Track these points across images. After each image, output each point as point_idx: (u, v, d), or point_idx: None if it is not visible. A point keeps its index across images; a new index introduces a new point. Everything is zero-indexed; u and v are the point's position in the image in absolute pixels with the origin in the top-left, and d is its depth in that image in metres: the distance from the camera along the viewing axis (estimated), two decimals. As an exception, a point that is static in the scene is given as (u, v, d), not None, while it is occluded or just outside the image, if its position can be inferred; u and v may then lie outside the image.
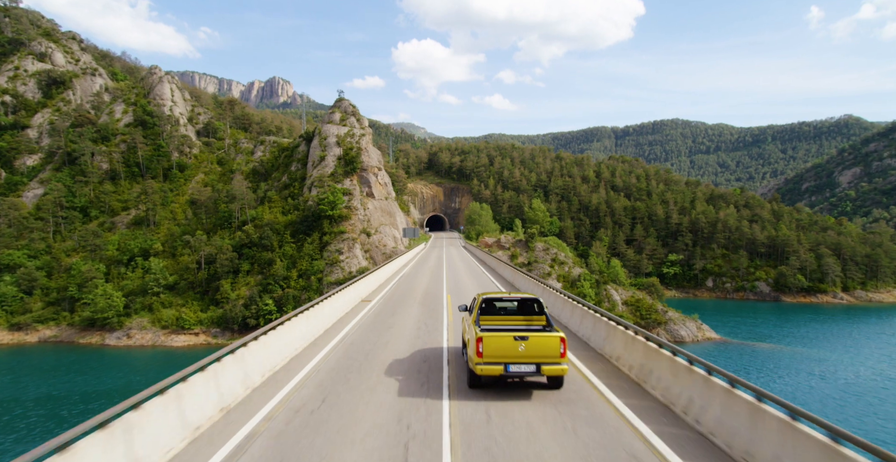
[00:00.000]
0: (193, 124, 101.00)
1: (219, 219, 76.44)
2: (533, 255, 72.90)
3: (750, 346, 58.79)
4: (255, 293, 65.31)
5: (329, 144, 78.59)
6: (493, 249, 75.35)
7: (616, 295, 66.93)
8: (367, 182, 76.94)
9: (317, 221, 71.87)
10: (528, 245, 75.52)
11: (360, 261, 68.55)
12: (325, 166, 77.15)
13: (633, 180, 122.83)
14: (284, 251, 69.63)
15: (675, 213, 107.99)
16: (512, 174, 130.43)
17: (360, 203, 74.28)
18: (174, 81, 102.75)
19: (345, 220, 71.75)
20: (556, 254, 72.78)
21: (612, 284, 68.46)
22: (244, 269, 68.58)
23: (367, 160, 77.99)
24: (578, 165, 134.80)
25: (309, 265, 67.56)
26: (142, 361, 56.33)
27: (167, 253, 73.35)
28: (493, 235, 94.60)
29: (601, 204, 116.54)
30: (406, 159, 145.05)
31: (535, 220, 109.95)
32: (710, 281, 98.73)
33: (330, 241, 69.37)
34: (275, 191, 79.59)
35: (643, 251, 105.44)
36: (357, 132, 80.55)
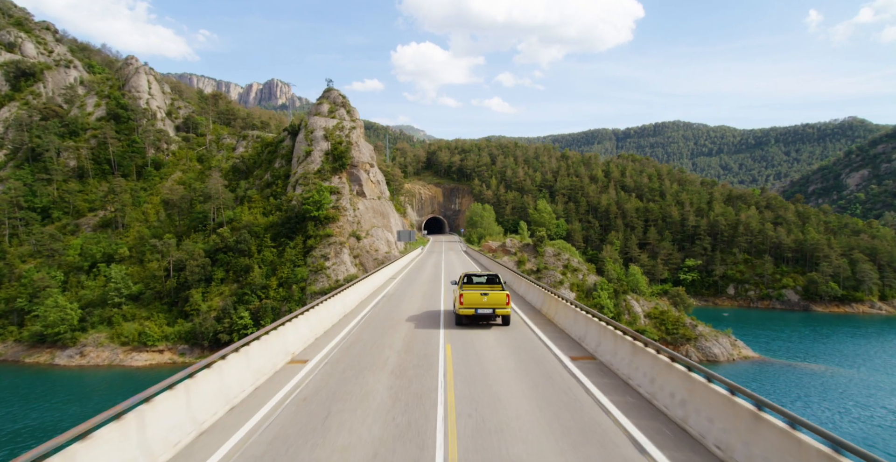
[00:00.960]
0: (172, 119, 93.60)
1: (193, 221, 68.87)
2: (542, 261, 65.36)
3: (795, 367, 51.14)
4: (229, 304, 57.69)
5: (316, 138, 71.16)
6: (498, 254, 67.82)
7: (637, 306, 59.34)
8: (357, 179, 69.47)
9: (300, 223, 64.37)
10: (536, 249, 67.97)
11: (348, 268, 61.00)
12: (311, 162, 69.69)
13: (645, 180, 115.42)
14: (263, 257, 62.05)
15: (692, 214, 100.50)
16: (515, 174, 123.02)
17: (349, 203, 66.81)
18: (152, 73, 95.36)
19: (332, 222, 64.25)
20: (569, 260, 65.23)
21: (631, 294, 60.87)
22: (218, 277, 60.97)
23: (358, 155, 70.55)
24: (585, 164, 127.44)
25: (291, 272, 59.97)
26: (93, 385, 48.62)
27: (134, 259, 65.71)
28: (497, 238, 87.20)
29: (611, 205, 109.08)
30: (403, 158, 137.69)
31: (541, 223, 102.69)
32: (732, 288, 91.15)
33: (315, 246, 61.83)
34: (256, 190, 72.09)
35: (658, 256, 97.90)
36: (347, 125, 73.15)
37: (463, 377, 9.52)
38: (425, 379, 9.41)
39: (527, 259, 66.69)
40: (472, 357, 11.06)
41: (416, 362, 10.67)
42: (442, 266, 42.47)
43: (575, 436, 6.78)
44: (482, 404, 7.99)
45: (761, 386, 44.42)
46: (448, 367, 10.13)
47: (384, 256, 63.38)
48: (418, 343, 12.77)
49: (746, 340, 59.15)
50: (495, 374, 9.68)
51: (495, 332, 13.97)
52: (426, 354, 11.39)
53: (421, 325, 15.38)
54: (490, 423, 7.21)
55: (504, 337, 13.38)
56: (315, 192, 63.66)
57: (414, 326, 15.09)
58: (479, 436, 6.79)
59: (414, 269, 39.73)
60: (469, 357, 11.05)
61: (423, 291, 25.07)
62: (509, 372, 9.90)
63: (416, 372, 9.89)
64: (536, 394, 8.54)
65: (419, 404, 8.01)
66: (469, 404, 8.00)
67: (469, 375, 9.65)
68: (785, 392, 43.51)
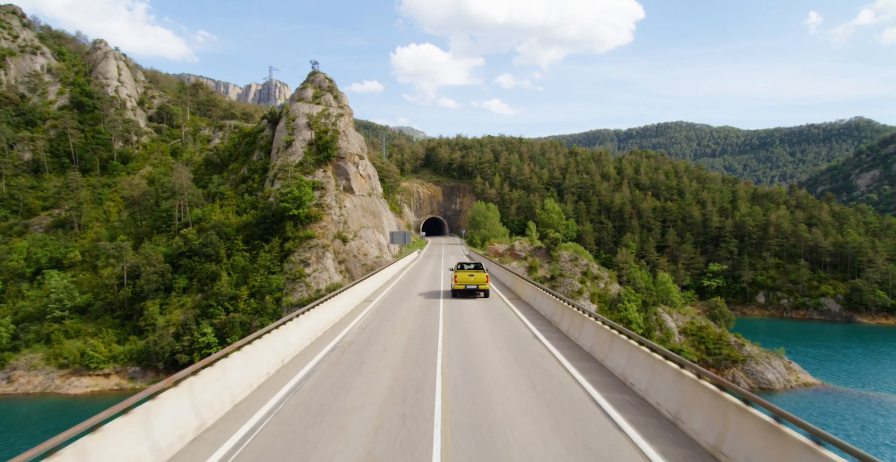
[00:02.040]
0: (145, 108, 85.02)
1: (156, 220, 60.20)
2: (557, 267, 56.68)
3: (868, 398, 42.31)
4: (191, 318, 49.00)
5: (298, 126, 62.57)
6: (506, 259, 59.19)
7: (670, 321, 50.62)
8: (344, 173, 60.84)
9: (277, 223, 55.75)
10: (549, 253, 59.30)
11: (331, 275, 52.34)
12: (291, 153, 61.11)
13: (661, 177, 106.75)
14: (234, 262, 53.37)
15: (715, 214, 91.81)
16: (521, 171, 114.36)
17: (334, 200, 58.18)
18: (124, 59, 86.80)
19: (314, 222, 55.62)
20: (588, 266, 56.54)
21: (662, 306, 52.14)
22: (179, 286, 52.25)
23: (346, 146, 61.94)
24: (596, 161, 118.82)
25: (264, 281, 51.30)
26: (14, 419, 39.86)
27: (88, 264, 57.05)
28: (503, 240, 78.60)
29: (625, 204, 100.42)
30: (400, 155, 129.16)
31: (550, 223, 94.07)
32: (762, 296, 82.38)
33: (293, 249, 53.16)
34: (230, 185, 63.47)
35: (678, 260, 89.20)
36: (334, 112, 64.53)
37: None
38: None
39: (539, 264, 58.04)
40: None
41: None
42: (441, 276, 33.84)
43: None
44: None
45: (839, 424, 35.66)
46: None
47: (374, 262, 54.73)
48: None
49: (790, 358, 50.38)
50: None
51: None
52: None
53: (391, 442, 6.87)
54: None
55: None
56: (294, 188, 55.04)
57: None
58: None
59: (406, 281, 31.18)
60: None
61: (412, 324, 16.31)
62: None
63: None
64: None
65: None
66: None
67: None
68: (872, 430, 34.78)
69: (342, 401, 8.44)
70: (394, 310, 19.71)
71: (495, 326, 15.57)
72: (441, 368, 10.43)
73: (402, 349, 12.43)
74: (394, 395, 8.69)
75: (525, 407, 8.07)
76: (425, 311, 19.53)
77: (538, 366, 10.60)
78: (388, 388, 9.11)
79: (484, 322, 16.55)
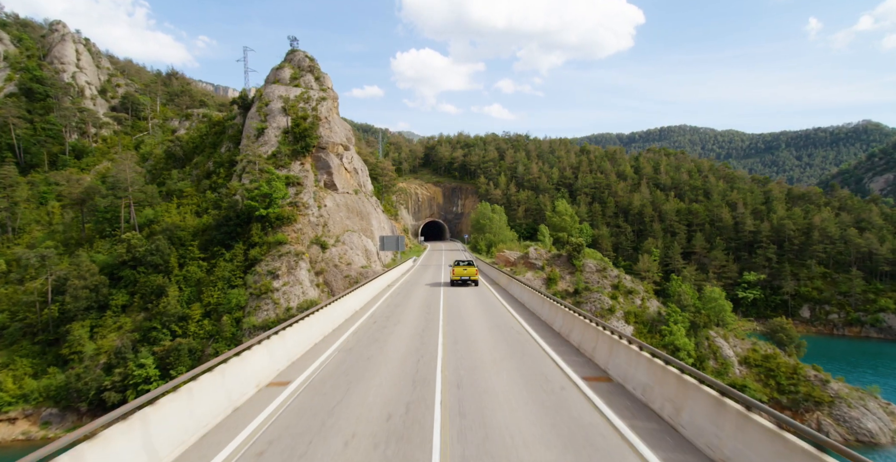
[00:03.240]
0: (107, 98, 75.44)
1: (101, 223, 50.36)
2: (581, 279, 46.69)
3: None
4: (128, 345, 39.04)
5: (272, 112, 52.91)
6: (519, 269, 49.26)
7: (726, 347, 40.51)
8: (325, 166, 51.06)
9: (243, 226, 45.94)
10: (571, 262, 49.32)
11: (305, 289, 42.41)
12: (263, 143, 51.42)
13: (685, 177, 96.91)
14: (187, 273, 43.45)
15: (748, 217, 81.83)
16: (528, 170, 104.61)
17: (312, 197, 48.38)
18: (84, 42, 77.39)
19: (286, 224, 45.80)
20: (619, 278, 46.53)
21: (715, 329, 42.03)
22: (116, 304, 42.27)
23: (328, 135, 52.21)
24: (610, 159, 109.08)
25: (222, 296, 41.38)
26: None
27: (16, 275, 47.13)
28: (513, 246, 68.71)
29: (646, 206, 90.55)
30: (398, 153, 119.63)
31: (562, 227, 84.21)
32: (807, 310, 72.24)
33: (260, 258, 43.28)
34: (191, 181, 53.71)
35: (707, 268, 79.19)
36: (315, 95, 54.86)
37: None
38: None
39: (559, 275, 48.04)
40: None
41: None
42: (441, 297, 24.17)
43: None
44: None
45: None
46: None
47: (359, 273, 44.81)
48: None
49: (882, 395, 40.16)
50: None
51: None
52: None
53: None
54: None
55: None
56: (263, 183, 45.24)
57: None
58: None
59: (393, 301, 22.09)
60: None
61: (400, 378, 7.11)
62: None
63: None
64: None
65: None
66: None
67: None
68: None
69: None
70: (365, 368, 9.98)
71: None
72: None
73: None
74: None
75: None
76: (414, 366, 11.81)
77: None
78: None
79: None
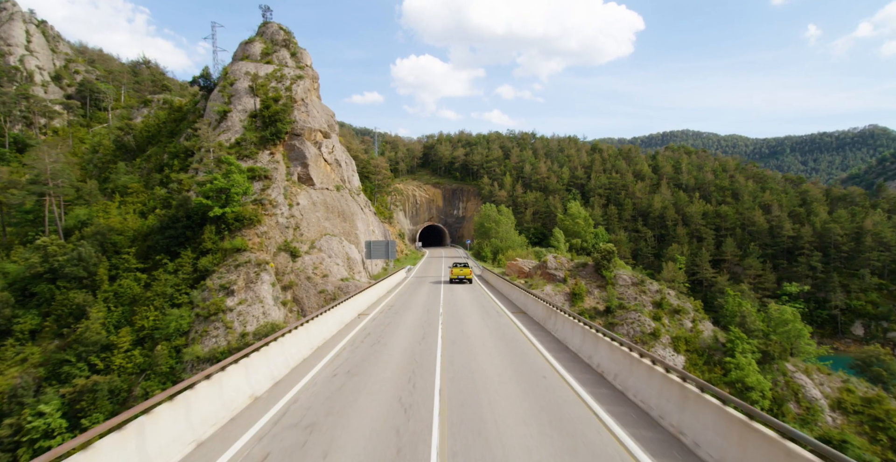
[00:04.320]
0: (63, 85, 66.74)
1: (23, 225, 41.29)
2: (614, 295, 37.61)
3: None
4: (30, 383, 29.88)
5: (237, 93, 44.11)
6: (536, 280, 40.17)
7: (810, 385, 31.31)
8: (300, 157, 42.11)
9: (194, 229, 36.98)
10: (600, 274, 40.23)
11: (268, 308, 33.36)
12: (226, 129, 42.59)
13: (709, 176, 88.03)
14: (119, 288, 34.38)
15: (786, 220, 72.84)
16: (536, 169, 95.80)
17: (283, 194, 39.44)
18: (37, 23, 68.81)
19: (248, 227, 36.84)
20: (662, 293, 37.42)
21: (791, 360, 32.83)
22: (23, 328, 33.12)
23: (305, 119, 43.33)
24: (626, 158, 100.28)
25: (161, 319, 32.29)
26: None
27: (-84, 289, 37.99)
28: (523, 254, 59.75)
29: (667, 208, 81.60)
30: (394, 153, 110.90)
31: (575, 231, 75.44)
32: (860, 326, 63.04)
33: (212, 269, 34.27)
34: (141, 175, 44.77)
35: (741, 278, 70.10)
36: (290, 73, 46.08)
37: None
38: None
39: (586, 290, 38.93)
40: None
41: None
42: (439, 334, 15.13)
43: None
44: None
45: None
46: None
47: (338, 287, 35.76)
48: None
49: None
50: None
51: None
52: None
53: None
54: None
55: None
56: (220, 176, 36.32)
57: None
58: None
59: (358, 352, 12.56)
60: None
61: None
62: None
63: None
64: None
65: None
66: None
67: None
68: None
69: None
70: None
71: None
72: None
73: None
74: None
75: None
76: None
77: None
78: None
79: None
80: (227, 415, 8.01)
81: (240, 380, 8.78)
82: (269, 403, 8.77)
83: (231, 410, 8.13)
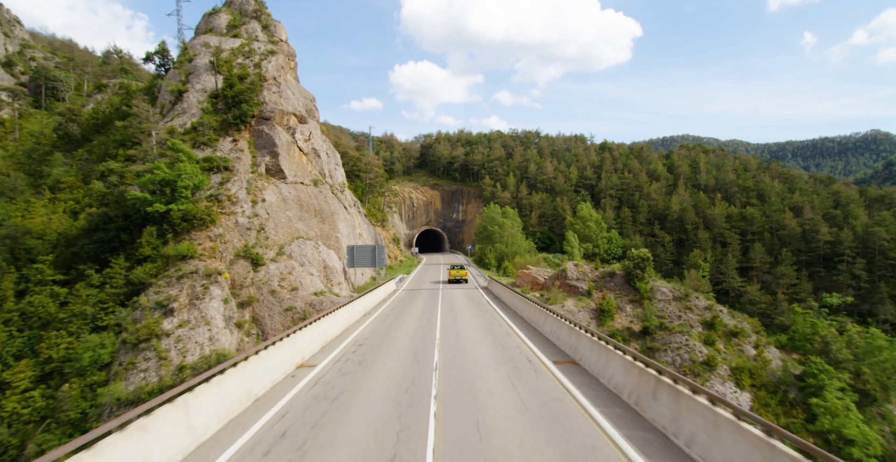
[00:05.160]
0: (15, 72, 59.74)
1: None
2: (653, 312, 30.36)
3: None
4: None
5: (196, 70, 37.06)
6: (554, 294, 32.87)
7: (920, 433, 23.96)
8: (269, 145, 34.97)
9: (133, 231, 29.70)
10: (632, 285, 33.00)
11: (216, 332, 25.98)
12: (181, 112, 35.47)
13: (731, 176, 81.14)
14: (28, 307, 26.95)
15: (822, 224, 65.81)
16: (542, 169, 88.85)
17: (245, 189, 32.20)
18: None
19: (199, 229, 29.57)
20: (713, 310, 30.14)
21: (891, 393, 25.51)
22: None
23: (276, 101, 36.25)
24: (638, 157, 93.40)
25: (73, 347, 24.89)
26: None
27: None
28: (530, 260, 52.74)
29: (687, 211, 74.57)
30: (389, 153, 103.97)
31: (586, 235, 68.58)
32: (913, 342, 55.77)
33: (149, 281, 26.94)
34: (80, 168, 37.49)
35: (773, 287, 62.93)
36: (260, 48, 39.13)
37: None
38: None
39: (616, 306, 31.67)
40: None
41: None
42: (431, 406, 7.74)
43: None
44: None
45: None
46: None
47: (309, 303, 28.46)
48: None
49: None
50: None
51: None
52: None
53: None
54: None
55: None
56: (163, 165, 29.13)
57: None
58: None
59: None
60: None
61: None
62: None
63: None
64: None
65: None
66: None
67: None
68: None
69: None
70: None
71: None
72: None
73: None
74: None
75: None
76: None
77: None
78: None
79: None
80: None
81: None
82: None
83: None
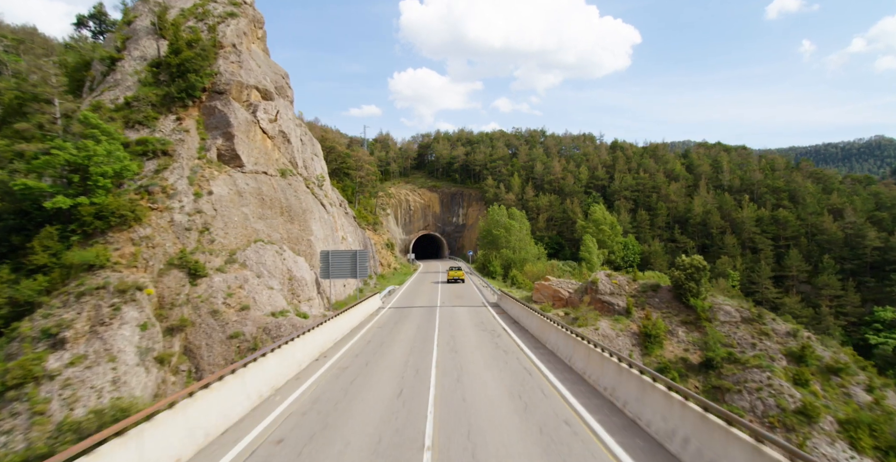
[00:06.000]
0: (-43, 55, 52.74)
1: None
2: (717, 339, 23.11)
3: None
4: None
5: (136, 34, 30.20)
6: (583, 312, 25.60)
7: None
8: (223, 124, 27.93)
9: (29, 232, 22.46)
10: (683, 302, 25.78)
11: (124, 371, 18.42)
12: (113, 85, 28.48)
13: (758, 176, 74.20)
14: None
15: (868, 228, 58.74)
16: (549, 169, 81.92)
17: (187, 179, 25.03)
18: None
19: (119, 229, 22.31)
20: (799, 337, 22.90)
21: None
22: None
23: (233, 72, 29.34)
24: (653, 156, 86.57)
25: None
26: None
27: None
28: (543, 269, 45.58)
29: (711, 213, 67.52)
30: (385, 153, 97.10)
31: (600, 240, 61.47)
32: (984, 363, 48.41)
33: (39, 300, 19.59)
34: (-9, 155, 30.36)
35: (814, 299, 55.73)
36: (217, 9, 32.36)
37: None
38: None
39: (665, 328, 24.42)
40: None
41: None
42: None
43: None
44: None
45: None
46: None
47: (262, 328, 21.14)
48: None
49: None
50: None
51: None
52: None
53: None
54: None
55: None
56: (68, 147, 22.03)
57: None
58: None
59: None
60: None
61: None
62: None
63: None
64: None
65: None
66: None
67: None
68: None
69: None
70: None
71: None
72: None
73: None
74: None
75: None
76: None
77: None
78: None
79: None
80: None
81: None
82: None
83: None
